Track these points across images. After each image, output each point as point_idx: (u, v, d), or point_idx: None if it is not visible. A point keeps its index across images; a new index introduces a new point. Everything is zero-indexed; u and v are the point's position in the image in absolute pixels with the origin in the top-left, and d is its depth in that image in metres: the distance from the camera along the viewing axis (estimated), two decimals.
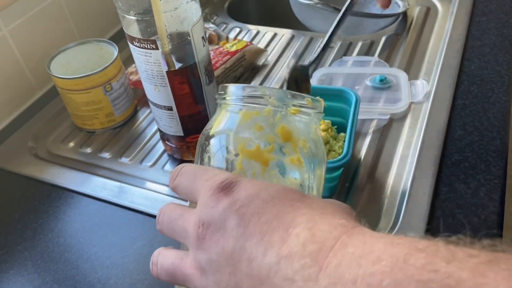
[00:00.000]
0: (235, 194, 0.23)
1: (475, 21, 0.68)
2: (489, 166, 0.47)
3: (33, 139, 0.59)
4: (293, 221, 0.22)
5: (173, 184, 0.28)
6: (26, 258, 0.45)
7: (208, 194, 0.24)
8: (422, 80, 0.59)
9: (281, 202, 0.23)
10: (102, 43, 0.59)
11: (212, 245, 0.23)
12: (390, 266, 0.18)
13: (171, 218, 0.27)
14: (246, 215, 0.22)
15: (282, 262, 0.20)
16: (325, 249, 0.20)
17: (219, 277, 0.23)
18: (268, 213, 0.22)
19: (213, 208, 0.23)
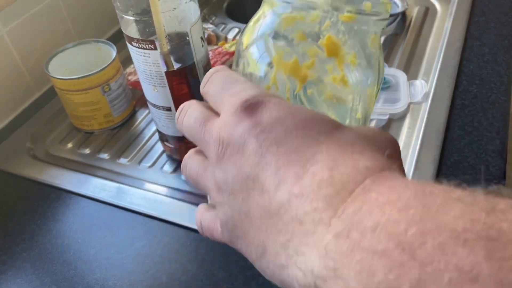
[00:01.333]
0: (258, 116, 0.21)
1: (474, 21, 0.68)
2: (488, 166, 0.47)
3: (31, 140, 0.59)
4: (313, 157, 0.19)
5: (203, 90, 0.26)
6: (25, 259, 0.45)
7: (231, 111, 0.22)
8: (421, 80, 0.59)
9: (305, 134, 0.20)
10: (100, 43, 0.58)
11: (229, 166, 0.22)
12: (419, 215, 0.16)
13: (191, 122, 0.25)
14: (265, 142, 0.21)
15: (293, 201, 0.19)
16: (343, 194, 0.18)
17: (233, 200, 0.22)
18: (288, 144, 0.20)
19: (233, 128, 0.22)
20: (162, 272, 0.42)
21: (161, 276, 0.42)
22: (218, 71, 0.26)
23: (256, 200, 0.20)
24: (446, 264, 0.14)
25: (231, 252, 0.42)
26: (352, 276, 0.16)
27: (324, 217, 0.18)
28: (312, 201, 0.18)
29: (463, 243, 0.14)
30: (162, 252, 0.43)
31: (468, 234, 0.14)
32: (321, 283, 0.17)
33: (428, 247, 0.15)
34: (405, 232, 0.15)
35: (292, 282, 0.19)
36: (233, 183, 0.21)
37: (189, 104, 0.26)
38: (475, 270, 0.14)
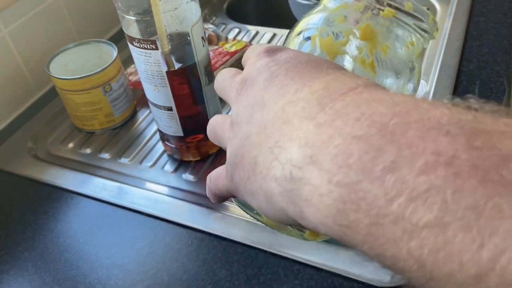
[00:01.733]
0: (277, 55, 0.23)
1: (474, 21, 0.68)
2: None
3: (32, 140, 0.59)
4: (316, 78, 0.20)
5: (245, 56, 0.27)
6: (26, 259, 0.45)
7: (255, 55, 0.24)
8: (421, 80, 0.59)
9: (316, 66, 0.21)
10: (101, 43, 0.59)
11: (243, 98, 0.23)
12: (405, 110, 0.16)
13: (223, 77, 0.26)
14: (276, 71, 0.22)
15: (287, 106, 0.20)
16: (333, 95, 0.18)
17: (240, 128, 0.22)
18: (296, 71, 0.21)
19: (252, 65, 0.24)
20: (163, 271, 0.42)
21: (162, 275, 0.42)
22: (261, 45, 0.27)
23: (257, 119, 0.21)
24: (424, 149, 0.14)
25: (232, 251, 0.43)
26: (327, 160, 0.16)
27: (311, 112, 0.18)
28: (303, 102, 0.19)
29: (446, 133, 0.14)
30: (163, 251, 0.44)
31: (452, 127, 0.14)
32: (297, 172, 0.17)
33: (409, 134, 0.15)
34: (388, 121, 0.15)
35: (271, 183, 0.19)
36: (243, 111, 0.22)
37: (227, 68, 0.28)
38: (452, 155, 0.14)
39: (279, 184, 0.19)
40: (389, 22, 0.25)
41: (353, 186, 0.15)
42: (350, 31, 0.25)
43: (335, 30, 0.25)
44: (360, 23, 0.25)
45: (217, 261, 0.42)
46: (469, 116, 0.15)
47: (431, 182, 0.14)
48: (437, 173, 0.14)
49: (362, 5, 0.25)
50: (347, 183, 0.15)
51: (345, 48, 0.25)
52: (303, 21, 0.28)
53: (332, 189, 0.16)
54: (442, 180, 0.13)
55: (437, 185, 0.13)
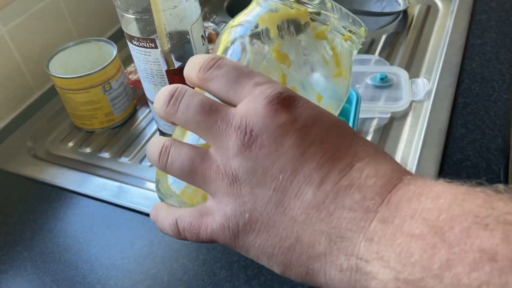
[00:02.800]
0: (296, 111, 0.22)
1: (476, 19, 0.68)
2: (490, 165, 0.47)
3: (32, 139, 0.58)
4: (356, 154, 0.21)
5: (205, 75, 0.24)
6: (25, 259, 0.45)
7: (263, 102, 0.22)
8: (423, 79, 0.59)
9: (342, 133, 0.22)
10: (101, 42, 0.58)
11: (259, 156, 0.21)
12: (447, 203, 0.18)
13: (193, 107, 0.23)
14: (307, 137, 0.21)
15: (342, 190, 0.20)
16: (388, 185, 0.20)
17: (260, 190, 0.21)
18: (330, 141, 0.21)
19: (268, 118, 0.21)
20: (163, 271, 0.42)
21: (162, 275, 0.42)
22: (224, 58, 0.24)
23: (295, 193, 0.21)
24: (471, 245, 0.17)
25: (233, 251, 0.42)
26: (392, 257, 0.18)
27: (371, 204, 0.20)
28: (362, 190, 0.20)
29: (485, 227, 0.17)
30: (163, 251, 0.43)
31: (489, 220, 0.17)
32: (364, 265, 0.19)
33: (455, 231, 0.17)
34: (437, 218, 0.18)
35: (326, 270, 0.20)
36: (263, 173, 0.21)
37: (181, 89, 0.24)
38: (493, 251, 0.16)
39: (342, 273, 0.20)
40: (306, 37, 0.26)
41: (417, 283, 0.18)
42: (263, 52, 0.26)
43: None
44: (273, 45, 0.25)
45: (217, 262, 0.42)
46: (501, 204, 0.18)
47: (481, 278, 0.16)
48: (484, 269, 0.16)
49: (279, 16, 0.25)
50: (411, 280, 0.18)
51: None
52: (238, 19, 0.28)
53: (399, 285, 0.18)
54: (489, 276, 0.16)
55: (486, 280, 0.16)
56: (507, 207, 0.17)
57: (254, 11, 0.27)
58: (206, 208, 0.24)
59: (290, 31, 0.26)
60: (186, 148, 0.24)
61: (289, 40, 0.26)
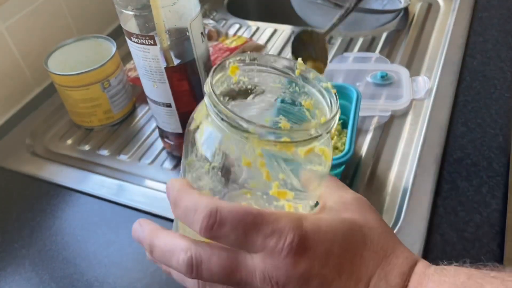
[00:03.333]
0: (311, 254, 0.24)
1: (477, 16, 0.67)
2: (491, 163, 0.46)
3: (30, 137, 0.58)
4: (367, 272, 0.25)
5: (212, 233, 0.24)
6: (24, 256, 0.44)
7: (281, 257, 0.24)
8: (423, 77, 0.59)
9: (352, 254, 0.25)
10: (100, 39, 0.58)
11: None
12: None
13: (216, 269, 0.24)
14: (328, 276, 0.24)
15: None
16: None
17: None
18: (346, 270, 0.25)
19: (291, 270, 0.24)
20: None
21: (161, 274, 0.41)
22: (220, 210, 0.24)
23: None
24: None
25: None
26: None
27: None
28: None
29: None
30: None
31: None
32: None
33: None
34: None
35: None
36: None
37: (197, 261, 0.25)
38: None
39: None
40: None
41: None
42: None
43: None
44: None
45: None
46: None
47: None
48: None
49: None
50: None
51: None
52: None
53: None
54: None
55: None
56: (491, 285, 0.21)
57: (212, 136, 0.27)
58: None
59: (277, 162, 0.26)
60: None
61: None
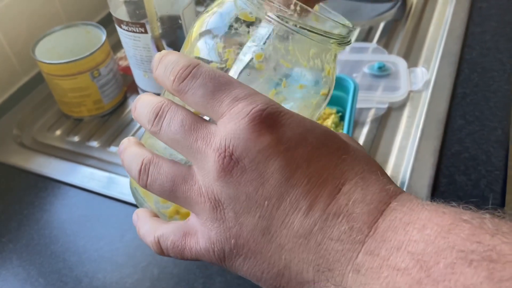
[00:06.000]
0: (280, 130, 0.20)
1: (476, 7, 0.66)
2: (490, 157, 0.46)
3: (18, 127, 0.57)
4: (343, 175, 0.20)
5: (180, 86, 0.22)
6: (11, 251, 0.43)
7: (244, 122, 0.20)
8: (421, 68, 0.58)
9: (329, 151, 0.21)
10: (89, 26, 0.56)
11: (241, 182, 0.20)
12: (434, 235, 0.18)
13: (174, 125, 0.22)
14: (293, 160, 0.20)
15: (330, 219, 0.19)
16: (375, 212, 0.19)
17: (245, 218, 0.20)
18: (317, 163, 0.20)
19: (250, 141, 0.20)
20: (154, 264, 0.41)
21: (152, 268, 0.40)
22: (200, 64, 0.22)
23: (282, 220, 0.20)
24: (455, 282, 0.17)
25: None
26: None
27: (359, 235, 0.19)
28: (349, 220, 0.19)
29: (469, 264, 0.17)
30: None
31: (474, 255, 0.17)
32: None
33: (441, 266, 0.17)
34: (422, 251, 0.18)
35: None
36: (246, 200, 0.20)
37: (164, 106, 0.22)
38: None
39: None
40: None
41: None
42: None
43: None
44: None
45: None
46: (487, 238, 0.17)
47: None
48: None
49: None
50: None
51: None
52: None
53: None
54: None
55: None
56: (493, 241, 0.17)
57: (227, 5, 0.25)
58: (189, 227, 0.23)
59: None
60: (166, 166, 0.23)
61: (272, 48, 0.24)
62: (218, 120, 0.21)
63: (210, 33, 0.24)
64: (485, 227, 0.18)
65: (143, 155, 0.24)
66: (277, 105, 0.21)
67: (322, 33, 0.23)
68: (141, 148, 0.25)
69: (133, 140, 0.26)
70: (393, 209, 0.20)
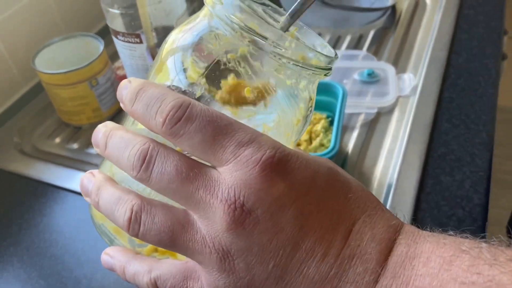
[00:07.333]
0: (291, 177, 0.20)
1: (464, 14, 0.68)
2: (474, 159, 0.47)
3: (18, 135, 0.58)
4: (351, 215, 0.21)
5: (175, 128, 0.20)
6: (12, 254, 0.44)
7: (255, 171, 0.19)
8: (409, 74, 0.59)
9: (336, 192, 0.21)
10: (88, 37, 0.58)
11: (253, 233, 0.19)
12: (437, 268, 0.19)
13: (168, 171, 0.20)
14: (305, 207, 0.20)
15: (345, 263, 0.20)
16: (386, 251, 0.20)
17: (258, 268, 0.20)
18: (326, 206, 0.20)
19: (263, 192, 0.19)
20: None
21: None
22: (193, 104, 0.20)
23: (297, 267, 0.20)
24: None
25: None
26: None
27: (373, 276, 0.20)
28: (362, 262, 0.20)
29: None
30: None
31: (475, 287, 0.18)
32: None
33: None
34: (428, 285, 0.19)
35: None
36: (259, 252, 0.20)
37: (152, 150, 0.20)
38: None
39: None
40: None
41: None
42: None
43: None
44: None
45: None
46: (486, 268, 0.18)
47: None
48: None
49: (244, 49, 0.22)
50: None
51: None
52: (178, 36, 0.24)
53: None
54: None
55: None
56: (491, 271, 0.18)
57: (200, 24, 0.23)
58: (190, 270, 0.22)
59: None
60: (161, 213, 0.21)
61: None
62: (222, 167, 0.20)
63: (179, 51, 0.23)
64: (483, 257, 0.19)
65: (129, 200, 0.21)
66: (283, 147, 0.20)
67: (313, 68, 0.22)
68: (122, 189, 0.22)
69: (102, 177, 0.23)
70: (399, 243, 0.21)
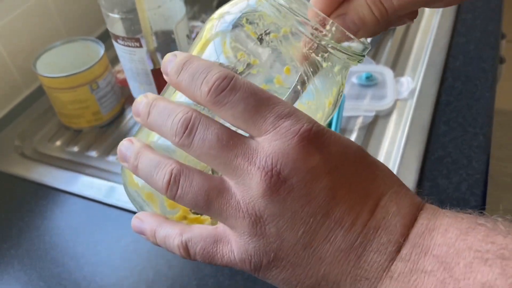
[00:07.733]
0: (326, 150, 0.21)
1: (461, 18, 0.69)
2: (471, 162, 0.47)
3: (19, 138, 0.59)
4: (378, 190, 0.22)
5: (216, 98, 0.21)
6: (12, 256, 0.45)
7: (293, 141, 0.20)
8: (407, 77, 0.60)
9: (365, 167, 0.22)
10: (88, 41, 0.59)
11: (287, 200, 0.20)
12: (454, 238, 0.20)
13: (210, 139, 0.21)
14: (338, 180, 0.21)
15: (370, 233, 0.21)
16: (409, 224, 0.21)
17: (288, 233, 0.21)
18: (357, 180, 0.22)
19: (299, 162, 0.20)
20: (149, 268, 0.42)
21: (148, 272, 0.42)
22: (237, 77, 0.21)
23: (325, 235, 0.21)
24: (474, 280, 0.19)
25: None
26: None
27: (395, 246, 0.21)
28: (387, 232, 0.21)
29: (485, 262, 0.19)
30: (148, 248, 0.44)
31: (489, 254, 0.19)
32: None
33: (461, 266, 0.20)
34: (445, 253, 0.20)
35: None
36: (291, 217, 0.21)
37: (195, 118, 0.21)
38: (493, 284, 0.18)
39: None
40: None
41: None
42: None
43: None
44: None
45: None
46: (499, 238, 0.20)
47: None
48: None
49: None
50: None
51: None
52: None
53: None
54: None
55: None
56: (505, 240, 0.19)
57: (244, 5, 0.24)
58: (220, 235, 0.23)
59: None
60: (199, 178, 0.22)
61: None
62: (261, 137, 0.21)
63: (220, 35, 0.24)
64: (498, 229, 0.20)
65: (168, 164, 0.22)
66: (318, 123, 0.22)
67: (350, 53, 0.23)
68: (161, 155, 0.23)
69: (140, 144, 0.24)
70: (420, 217, 0.22)
